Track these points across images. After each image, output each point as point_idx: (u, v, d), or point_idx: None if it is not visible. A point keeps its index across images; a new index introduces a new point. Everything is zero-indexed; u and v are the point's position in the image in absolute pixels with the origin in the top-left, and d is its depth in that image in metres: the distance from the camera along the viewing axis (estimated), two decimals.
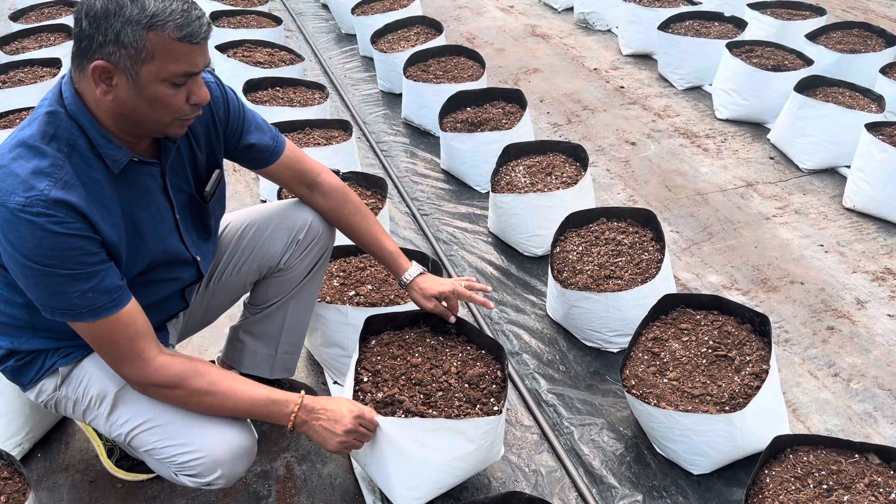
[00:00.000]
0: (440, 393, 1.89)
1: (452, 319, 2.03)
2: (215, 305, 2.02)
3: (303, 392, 1.66)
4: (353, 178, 2.92)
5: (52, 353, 1.68)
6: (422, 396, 1.88)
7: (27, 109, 3.55)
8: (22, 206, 1.37)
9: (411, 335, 2.06)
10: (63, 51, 4.28)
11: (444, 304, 2.01)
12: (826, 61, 3.86)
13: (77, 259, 1.42)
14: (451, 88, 3.59)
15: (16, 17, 4.96)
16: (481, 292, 2.11)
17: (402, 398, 1.86)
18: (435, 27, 4.39)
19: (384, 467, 1.80)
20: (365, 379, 1.92)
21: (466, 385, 1.93)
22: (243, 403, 1.60)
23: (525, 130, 3.33)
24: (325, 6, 5.75)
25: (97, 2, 1.38)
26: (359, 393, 1.88)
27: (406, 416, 1.81)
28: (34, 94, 3.74)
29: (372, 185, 2.93)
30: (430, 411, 1.84)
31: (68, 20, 4.73)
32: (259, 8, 5.00)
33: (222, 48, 4.11)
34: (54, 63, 4.05)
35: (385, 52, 4.22)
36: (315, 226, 1.96)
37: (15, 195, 1.37)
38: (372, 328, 2.05)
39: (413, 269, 1.98)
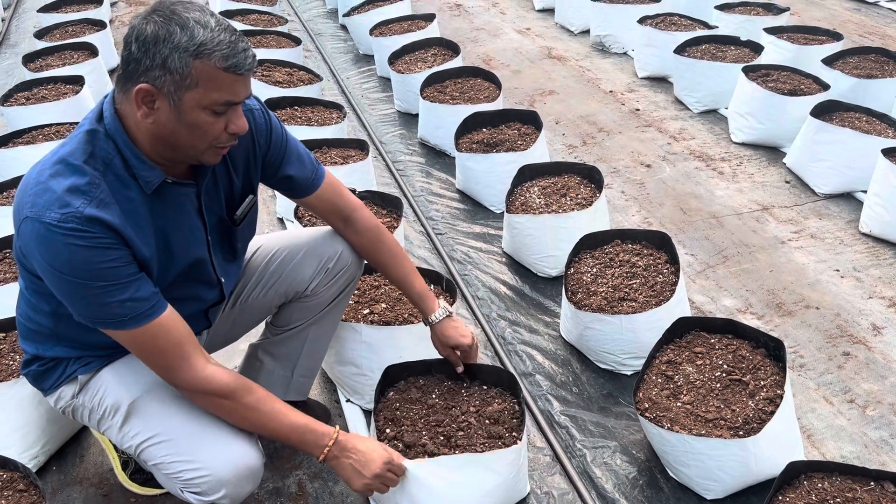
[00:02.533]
0: (461, 433, 1.92)
1: (459, 370, 2.06)
2: (240, 325, 2.04)
3: (337, 427, 1.68)
4: (368, 197, 2.95)
5: (73, 362, 1.71)
6: (442, 438, 1.90)
7: (49, 126, 3.61)
8: (57, 222, 1.40)
9: (428, 381, 2.09)
10: (85, 69, 4.36)
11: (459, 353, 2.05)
12: (842, 86, 3.86)
13: (111, 271, 1.46)
14: (467, 109, 3.62)
15: (41, 34, 5.05)
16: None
17: (423, 441, 1.88)
18: (452, 49, 4.43)
19: None
20: (388, 430, 1.94)
21: (487, 421, 1.96)
22: (284, 426, 1.62)
23: (540, 152, 3.35)
24: (343, 27, 5.81)
25: (148, 27, 1.41)
26: (383, 442, 1.89)
27: (430, 457, 1.84)
28: (56, 111, 3.80)
29: (387, 205, 2.95)
30: (453, 451, 1.86)
31: (92, 38, 4.82)
32: (279, 28, 5.06)
33: None
34: (77, 80, 4.11)
35: (402, 73, 4.26)
36: (345, 256, 1.98)
37: (51, 211, 1.41)
38: (389, 379, 2.07)
39: (439, 313, 2.00)
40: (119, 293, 1.47)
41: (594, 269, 2.58)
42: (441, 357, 2.09)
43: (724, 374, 2.10)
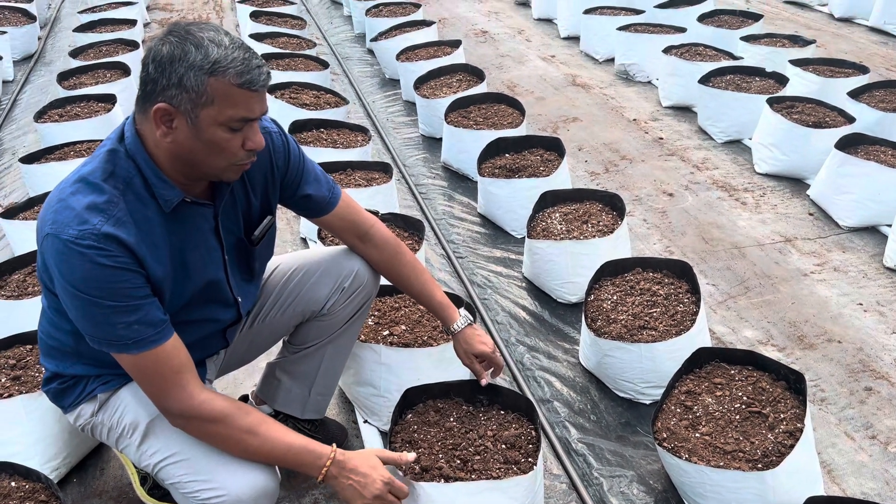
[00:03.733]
0: (477, 457, 1.92)
1: (484, 382, 2.06)
2: (257, 345, 2.06)
3: (334, 446, 1.67)
4: (391, 219, 2.97)
5: (93, 380, 1.73)
6: (459, 461, 1.91)
7: (80, 143, 3.69)
8: (74, 239, 1.43)
9: (446, 404, 2.09)
10: (117, 87, 4.46)
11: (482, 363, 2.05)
12: (868, 119, 3.84)
13: (123, 292, 1.48)
14: (491, 135, 3.65)
15: (75, 53, 5.17)
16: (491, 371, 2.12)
17: (440, 464, 1.89)
18: (477, 75, 4.48)
19: None
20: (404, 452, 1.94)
21: (503, 446, 1.96)
22: (280, 448, 1.61)
23: (562, 178, 3.36)
24: (371, 52, 5.89)
25: (164, 47, 1.45)
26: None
27: (447, 482, 1.84)
28: (88, 129, 3.89)
29: (409, 227, 2.98)
30: (470, 476, 1.87)
31: (124, 58, 4.92)
32: (307, 52, 5.15)
33: (270, 89, 4.23)
34: (109, 99, 4.20)
35: (427, 98, 4.31)
36: (361, 274, 2.00)
37: (69, 228, 1.44)
38: (408, 401, 2.07)
39: (461, 321, 2.02)
40: (127, 315, 1.49)
41: (614, 297, 2.58)
42: (461, 379, 2.10)
43: (743, 406, 2.09)
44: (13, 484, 1.88)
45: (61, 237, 1.44)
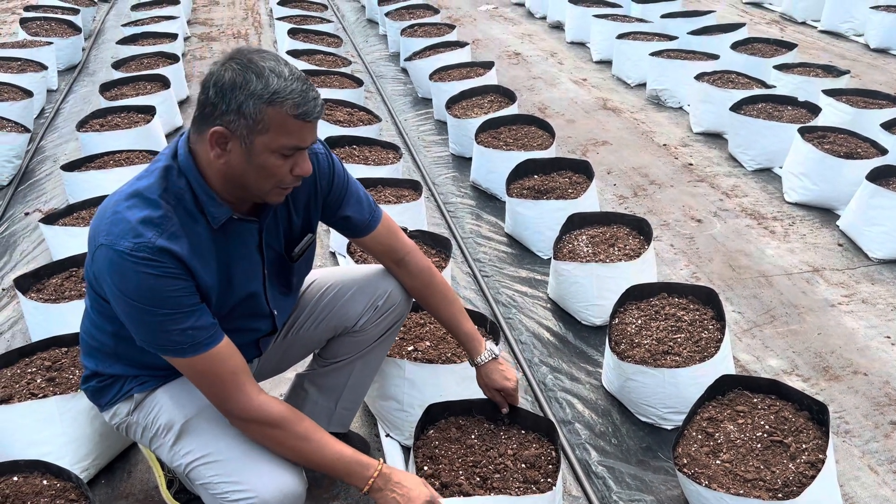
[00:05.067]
0: (497, 475, 1.94)
1: (504, 410, 2.10)
2: (290, 356, 2.12)
3: (381, 460, 1.71)
4: (419, 236, 3.02)
5: (131, 380, 1.79)
6: (479, 479, 1.93)
7: (120, 152, 3.79)
8: (129, 251, 1.50)
9: (468, 421, 2.12)
10: (157, 99, 4.57)
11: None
12: None
13: (176, 300, 1.54)
14: (520, 156, 3.69)
15: (118, 65, 5.31)
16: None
17: (460, 481, 1.91)
18: (508, 96, 4.53)
19: None
20: (426, 468, 1.97)
21: (523, 465, 1.98)
22: (331, 456, 1.66)
23: (591, 201, 3.38)
24: (404, 70, 5.98)
25: (227, 74, 1.51)
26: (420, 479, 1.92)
27: (466, 497, 1.86)
28: (128, 139, 3.99)
29: (437, 245, 3.02)
30: (489, 493, 1.89)
31: (164, 70, 5.05)
32: (342, 69, 5.23)
33: None
34: (149, 110, 4.31)
35: (458, 118, 4.36)
36: (394, 295, 2.05)
37: (124, 240, 1.50)
38: (430, 416, 2.10)
39: (485, 355, 2.04)
40: (181, 322, 1.56)
41: (639, 321, 2.59)
42: (483, 397, 2.12)
43: (765, 435, 2.09)
44: (45, 482, 1.93)
45: (116, 248, 1.50)
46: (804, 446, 2.03)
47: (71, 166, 3.69)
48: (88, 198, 3.34)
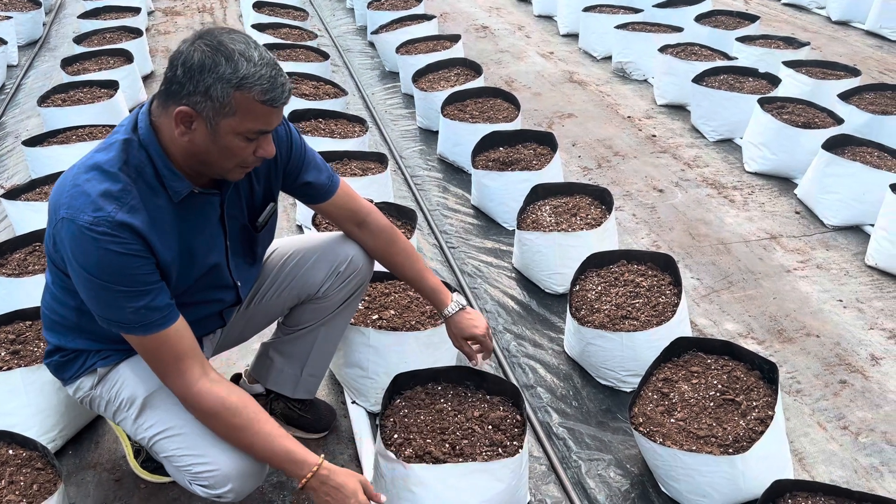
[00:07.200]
0: (465, 440, 1.99)
1: (473, 363, 2.13)
2: (253, 325, 2.14)
3: (322, 458, 1.69)
4: (384, 208, 3.04)
5: (93, 354, 1.81)
6: (447, 445, 1.98)
7: (83, 127, 3.75)
8: (89, 225, 1.51)
9: (435, 389, 2.16)
10: (120, 74, 4.52)
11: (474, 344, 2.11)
12: (857, 121, 3.91)
13: (133, 277, 1.56)
14: (486, 128, 3.72)
15: (79, 40, 5.23)
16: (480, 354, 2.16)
17: (430, 449, 1.96)
18: (475, 69, 4.54)
19: None
20: (395, 436, 2.01)
21: (490, 428, 2.03)
22: (268, 450, 1.66)
23: (554, 172, 3.43)
24: (371, 44, 5.95)
25: (195, 54, 1.51)
26: (391, 447, 1.96)
27: (437, 464, 1.90)
28: (91, 114, 3.96)
29: (402, 216, 3.05)
30: (458, 458, 1.93)
31: (128, 45, 4.98)
32: (308, 43, 5.20)
33: None
34: (111, 85, 4.26)
35: (425, 91, 4.37)
36: (356, 260, 2.07)
37: (84, 213, 1.51)
38: (398, 385, 2.14)
39: (452, 306, 2.08)
40: (136, 300, 1.57)
41: (599, 288, 2.65)
42: (448, 366, 2.17)
43: (717, 394, 2.16)
44: (10, 452, 1.95)
45: (76, 222, 1.51)
46: (755, 404, 2.11)
47: (33, 141, 3.65)
48: (51, 173, 3.32)
